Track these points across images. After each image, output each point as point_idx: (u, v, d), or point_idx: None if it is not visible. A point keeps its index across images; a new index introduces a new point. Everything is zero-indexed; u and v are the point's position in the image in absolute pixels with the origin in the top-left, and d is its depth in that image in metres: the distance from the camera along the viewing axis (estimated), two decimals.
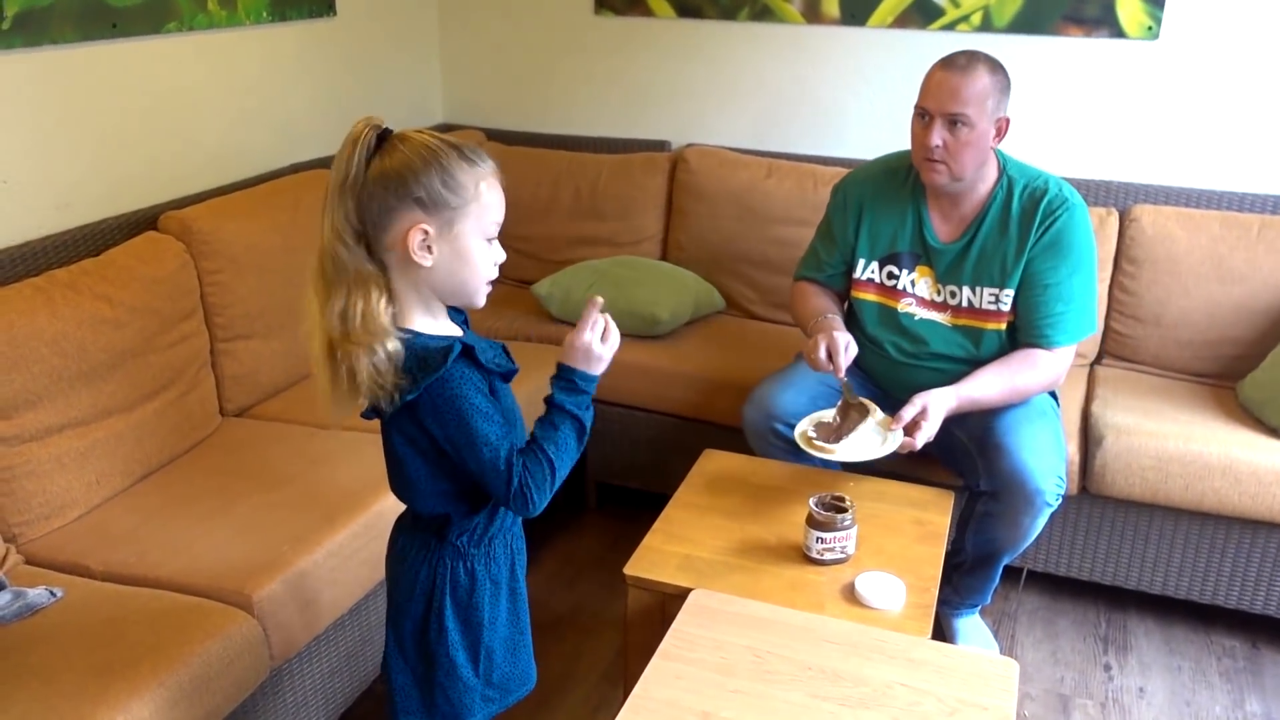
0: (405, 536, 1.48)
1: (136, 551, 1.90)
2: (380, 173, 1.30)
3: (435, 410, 1.33)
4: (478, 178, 1.34)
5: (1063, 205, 2.15)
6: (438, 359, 1.31)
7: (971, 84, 2.06)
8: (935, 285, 2.25)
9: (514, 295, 3.12)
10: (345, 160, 1.30)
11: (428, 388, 1.31)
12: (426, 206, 1.31)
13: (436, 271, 1.35)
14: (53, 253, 2.19)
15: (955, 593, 2.35)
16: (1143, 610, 2.59)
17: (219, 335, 2.38)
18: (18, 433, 1.92)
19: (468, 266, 1.36)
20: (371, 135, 1.31)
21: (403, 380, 1.31)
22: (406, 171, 1.30)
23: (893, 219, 2.27)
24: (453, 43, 3.54)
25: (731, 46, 3.21)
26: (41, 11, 2.15)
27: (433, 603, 1.44)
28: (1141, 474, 2.33)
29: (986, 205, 2.19)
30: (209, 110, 2.64)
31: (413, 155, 1.30)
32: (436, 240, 1.33)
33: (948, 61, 2.11)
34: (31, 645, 1.64)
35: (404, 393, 1.31)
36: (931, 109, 2.10)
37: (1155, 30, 2.78)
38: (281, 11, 2.80)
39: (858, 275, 2.32)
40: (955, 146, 2.09)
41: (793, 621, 1.66)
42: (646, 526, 2.00)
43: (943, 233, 2.24)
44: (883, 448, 2.01)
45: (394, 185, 1.30)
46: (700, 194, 3.11)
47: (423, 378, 1.31)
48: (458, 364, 1.32)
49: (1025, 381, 2.16)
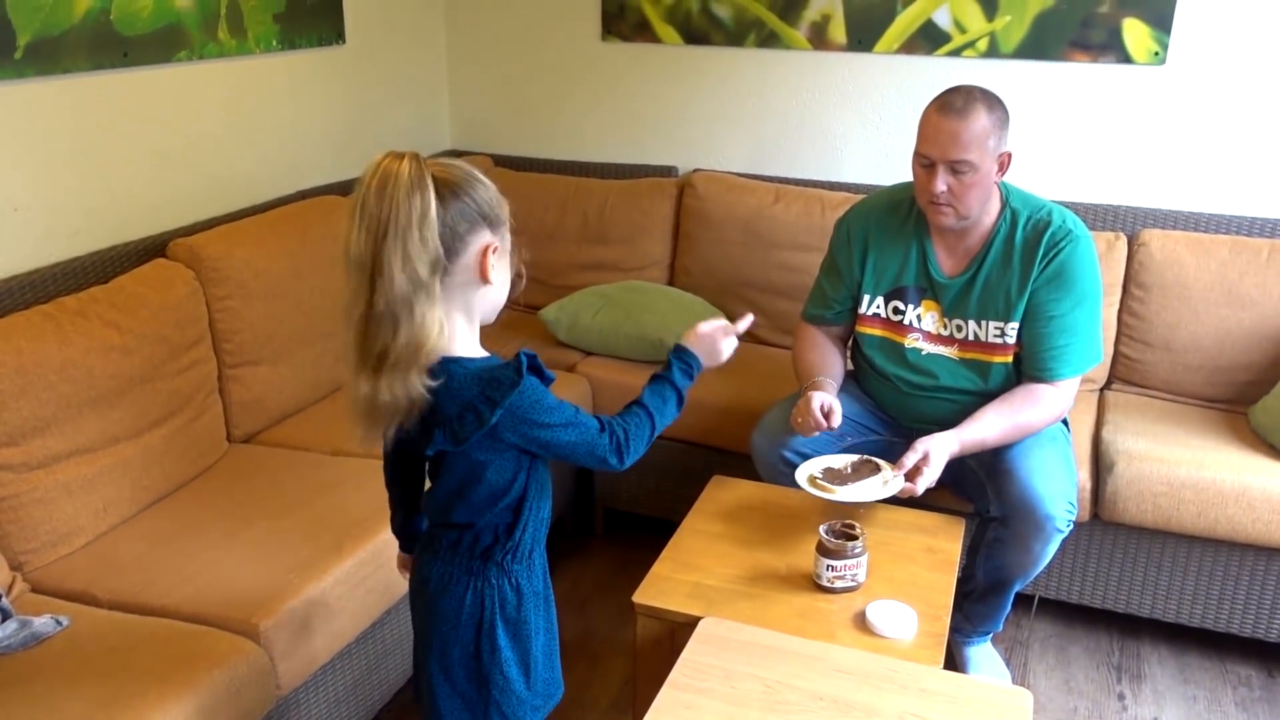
0: (442, 566, 1.47)
1: (143, 580, 1.89)
2: (452, 197, 1.31)
3: (516, 422, 1.34)
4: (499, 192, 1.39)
5: (1066, 237, 2.13)
6: (510, 374, 1.33)
7: (970, 127, 2.04)
8: (941, 320, 2.24)
9: (521, 320, 3.12)
10: (415, 191, 1.27)
11: (508, 405, 1.32)
12: (492, 224, 1.35)
13: (494, 288, 1.38)
14: (62, 280, 2.19)
15: (967, 620, 2.33)
16: (1156, 638, 2.56)
17: (227, 361, 2.38)
18: (25, 460, 1.91)
19: (506, 281, 1.41)
20: (421, 165, 1.30)
21: (481, 407, 1.32)
22: (472, 190, 1.33)
23: (897, 253, 2.27)
24: (460, 69, 3.56)
25: (738, 72, 3.23)
26: (53, 40, 2.17)
27: (483, 624, 1.44)
28: (1154, 500, 2.31)
29: (990, 238, 2.18)
30: (218, 138, 2.65)
31: (466, 176, 1.34)
32: (499, 256, 1.36)
33: (944, 105, 2.08)
34: (37, 674, 1.63)
35: (485, 419, 1.32)
36: (934, 157, 2.08)
37: (1162, 56, 2.78)
38: (291, 40, 2.82)
39: (863, 310, 2.31)
40: (960, 190, 2.08)
41: (803, 651, 1.64)
42: (654, 553, 1.98)
43: (947, 267, 2.23)
44: (883, 490, 2.01)
45: (467, 207, 1.32)
46: (707, 219, 3.11)
47: (501, 397, 1.32)
48: (530, 376, 1.35)
49: (1028, 419, 2.15)
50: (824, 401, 2.12)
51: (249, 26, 2.67)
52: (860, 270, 2.30)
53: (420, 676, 1.52)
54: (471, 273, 1.35)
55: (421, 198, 1.27)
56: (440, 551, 1.47)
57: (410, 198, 1.27)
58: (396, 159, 1.29)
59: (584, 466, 1.44)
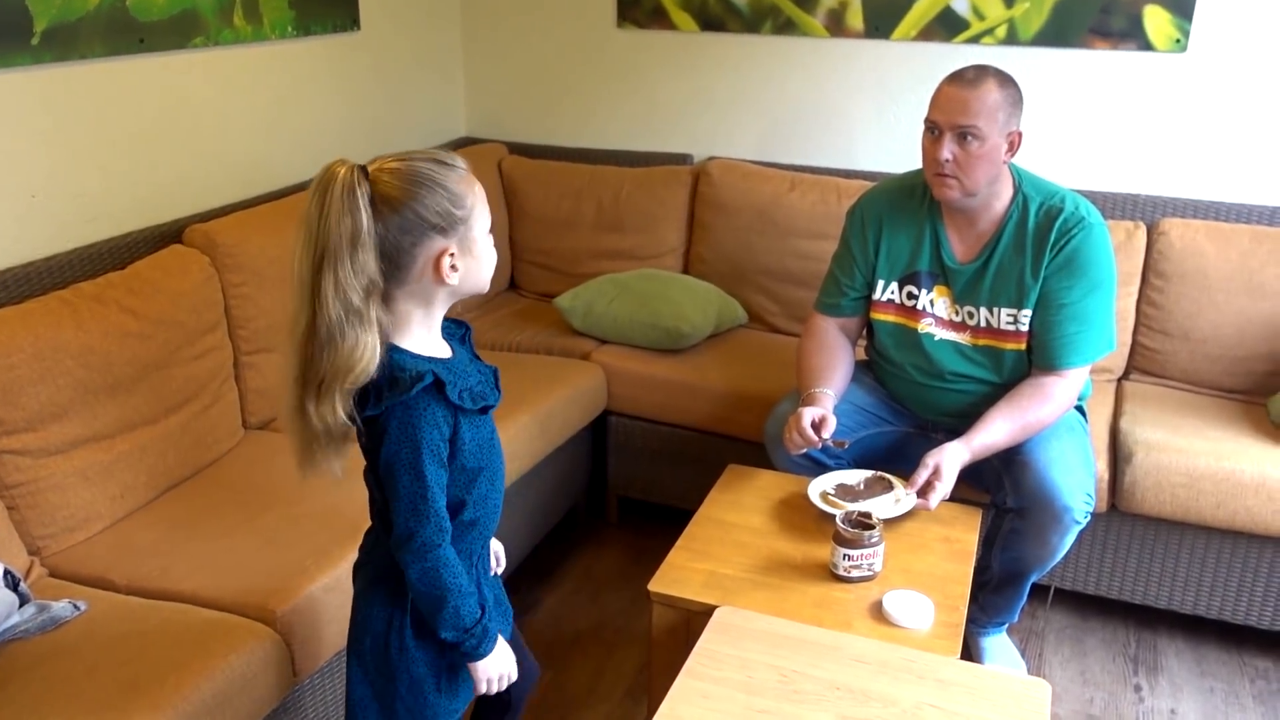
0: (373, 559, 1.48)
1: (160, 565, 1.90)
2: (391, 212, 1.28)
3: (388, 431, 1.32)
4: (465, 180, 1.34)
5: (1079, 224, 2.11)
6: (406, 383, 1.30)
7: (981, 97, 2.03)
8: (953, 305, 2.23)
9: (536, 309, 3.11)
10: (346, 213, 1.25)
11: (390, 408, 1.31)
12: (444, 229, 1.31)
13: (461, 284, 1.36)
14: (79, 265, 2.20)
15: (982, 611, 2.32)
16: (1173, 630, 2.55)
17: (242, 348, 2.38)
18: (43, 445, 1.92)
19: (481, 264, 1.38)
20: (360, 177, 1.27)
21: (372, 393, 1.31)
22: (414, 203, 1.28)
23: (910, 238, 2.25)
24: (476, 57, 3.55)
25: (755, 59, 3.21)
26: (70, 26, 2.17)
27: (393, 621, 1.44)
28: (1172, 491, 2.29)
29: (1002, 224, 2.16)
30: (234, 124, 2.65)
31: (410, 185, 1.28)
32: (459, 256, 1.34)
33: (957, 76, 2.09)
34: (56, 658, 1.64)
35: (366, 407, 1.31)
36: (941, 122, 2.07)
37: (1183, 43, 2.75)
38: (306, 26, 2.82)
39: (877, 296, 2.30)
40: (966, 160, 2.07)
41: (820, 640, 1.64)
42: (668, 541, 1.98)
43: (959, 252, 2.22)
44: (895, 508, 2.01)
45: (410, 221, 1.29)
46: (722, 207, 3.10)
47: (388, 397, 1.30)
48: (424, 394, 1.31)
49: (1037, 417, 2.12)
50: (815, 416, 2.10)
51: (264, 13, 2.67)
52: (874, 255, 2.29)
53: None
54: (426, 278, 1.33)
55: (353, 219, 1.24)
56: (374, 543, 1.48)
57: (341, 221, 1.24)
58: (336, 168, 1.26)
59: (393, 523, 1.37)
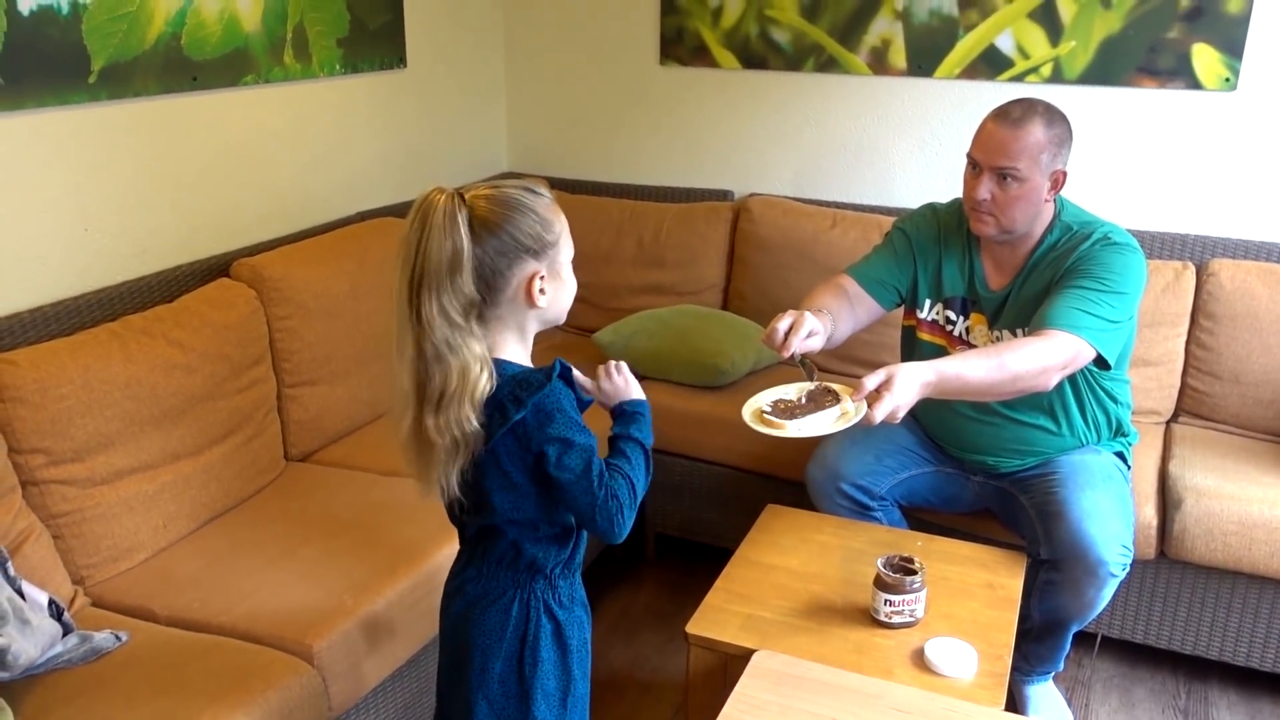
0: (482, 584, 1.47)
1: (200, 597, 1.91)
2: (489, 235, 1.34)
3: (539, 426, 1.35)
4: (552, 208, 1.41)
5: (1100, 240, 2.05)
6: (539, 377, 1.36)
7: (1023, 138, 2.00)
8: (988, 335, 2.20)
9: (576, 343, 3.12)
10: (447, 236, 1.31)
11: (533, 403, 1.34)
12: (536, 252, 1.37)
13: (549, 307, 1.41)
14: (129, 298, 2.24)
15: (1025, 660, 2.26)
16: (1225, 682, 2.47)
17: (286, 380, 2.41)
18: (89, 475, 1.95)
19: (566, 289, 1.44)
20: (459, 202, 1.33)
21: (508, 404, 1.34)
22: (510, 226, 1.35)
23: (951, 262, 2.23)
24: (519, 93, 3.59)
25: (797, 97, 3.21)
26: (126, 65, 2.22)
27: (527, 637, 1.44)
28: (1224, 539, 2.24)
29: (1035, 251, 2.13)
30: (282, 160, 2.69)
31: (504, 209, 1.35)
32: (548, 280, 1.39)
33: (1001, 113, 2.05)
34: (98, 688, 1.65)
35: (509, 415, 1.34)
36: (981, 161, 2.05)
37: (1233, 82, 2.72)
38: (354, 64, 2.87)
39: (923, 316, 2.27)
40: (1004, 200, 2.04)
41: (861, 688, 1.61)
42: (706, 580, 1.96)
43: (994, 281, 2.19)
44: (837, 422, 1.78)
45: (505, 244, 1.35)
46: (763, 244, 3.10)
47: (527, 396, 1.34)
48: (559, 380, 1.37)
49: (1015, 362, 1.89)
50: (791, 321, 1.94)
51: (314, 51, 2.72)
52: (914, 265, 2.25)
53: (451, 701, 1.51)
54: (519, 301, 1.39)
55: (453, 243, 1.31)
56: (484, 564, 1.47)
57: (442, 245, 1.31)
58: (435, 196, 1.32)
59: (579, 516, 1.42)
